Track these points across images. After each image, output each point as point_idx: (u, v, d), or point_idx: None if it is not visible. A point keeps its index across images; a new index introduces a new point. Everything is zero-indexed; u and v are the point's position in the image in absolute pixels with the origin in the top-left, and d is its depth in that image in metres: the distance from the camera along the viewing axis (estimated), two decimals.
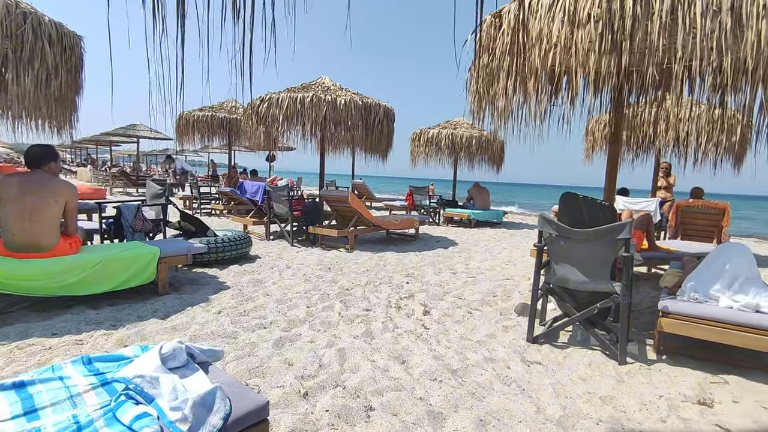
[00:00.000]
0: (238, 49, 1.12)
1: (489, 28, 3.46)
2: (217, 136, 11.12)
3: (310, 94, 6.65)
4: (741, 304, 2.95)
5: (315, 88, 7.10)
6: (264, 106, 6.83)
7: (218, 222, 9.45)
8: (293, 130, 7.36)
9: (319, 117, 6.61)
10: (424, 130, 11.66)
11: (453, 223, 11.10)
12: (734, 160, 8.22)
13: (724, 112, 7.32)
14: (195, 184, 10.99)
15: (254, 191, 8.02)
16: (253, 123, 7.09)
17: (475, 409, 2.35)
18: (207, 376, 1.61)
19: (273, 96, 6.88)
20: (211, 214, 10.85)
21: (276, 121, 6.75)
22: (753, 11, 2.58)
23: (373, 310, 3.93)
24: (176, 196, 13.23)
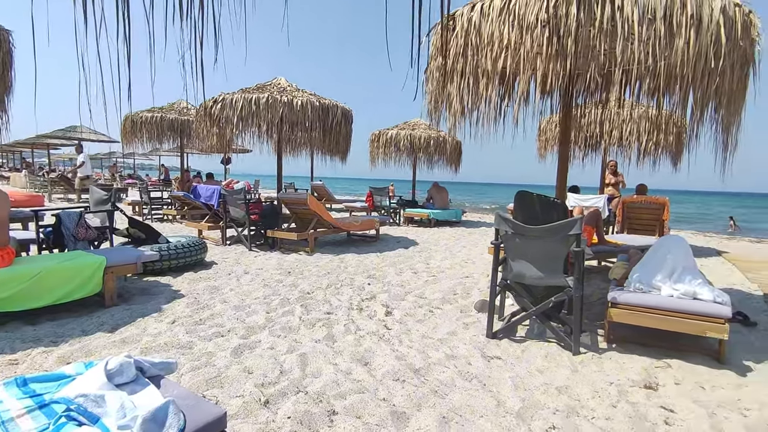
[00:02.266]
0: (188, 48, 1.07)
1: (443, 30, 3.51)
2: (167, 138, 10.62)
3: (265, 95, 6.49)
4: (680, 293, 3.16)
5: (270, 88, 6.94)
6: (217, 107, 6.60)
7: (171, 228, 9.05)
8: (248, 131, 7.16)
9: (276, 118, 6.46)
10: (383, 131, 11.70)
11: (413, 223, 11.21)
12: (672, 158, 8.76)
13: (660, 114, 7.83)
14: (145, 189, 10.47)
15: (209, 195, 7.75)
16: (205, 125, 6.84)
17: (438, 407, 2.37)
18: (159, 390, 1.53)
19: (226, 97, 6.66)
20: (163, 219, 10.39)
21: (230, 122, 6.54)
22: (683, 20, 2.76)
23: (334, 313, 3.89)
24: (124, 202, 12.57)
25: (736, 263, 7.05)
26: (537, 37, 2.86)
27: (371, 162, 12.06)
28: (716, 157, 3.47)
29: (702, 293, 3.11)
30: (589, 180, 10.00)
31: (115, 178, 22.69)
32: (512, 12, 3.03)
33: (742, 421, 2.33)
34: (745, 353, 3.25)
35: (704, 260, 7.29)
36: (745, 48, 3.00)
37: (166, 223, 9.80)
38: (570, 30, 2.74)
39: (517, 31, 2.95)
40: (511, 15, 3.03)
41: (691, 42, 2.73)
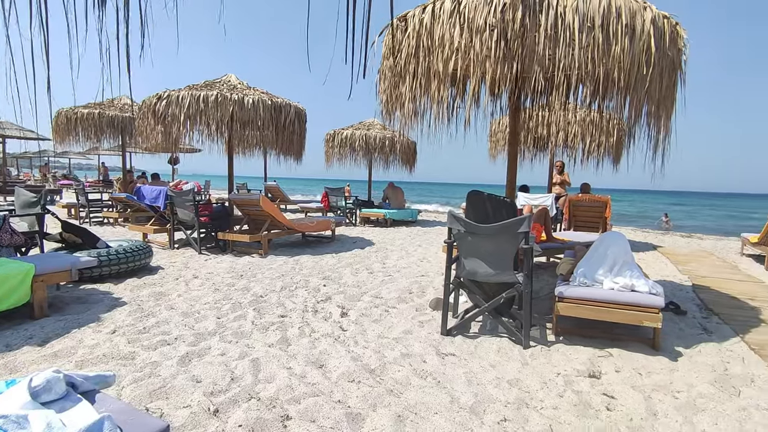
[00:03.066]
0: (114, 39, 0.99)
1: (395, 31, 3.53)
2: (107, 136, 9.96)
3: (214, 92, 6.24)
4: (620, 286, 3.35)
5: (220, 86, 6.69)
6: (162, 104, 6.27)
7: (113, 232, 8.53)
8: (197, 130, 6.86)
9: (225, 116, 6.23)
10: (338, 131, 11.63)
11: (369, 224, 11.22)
12: (613, 158, 9.30)
13: (602, 116, 8.30)
14: (82, 191, 9.77)
15: (154, 196, 7.36)
16: (149, 122, 6.48)
17: (393, 406, 2.38)
18: (93, 406, 1.42)
19: (172, 93, 6.34)
20: (103, 223, 9.77)
21: (176, 120, 6.23)
22: (618, 29, 2.94)
23: (288, 316, 3.81)
24: (58, 204, 11.72)
25: (669, 257, 7.59)
26: (486, 41, 2.94)
27: (327, 162, 11.95)
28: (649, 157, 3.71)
29: (639, 286, 3.31)
30: (539, 179, 10.43)
31: (47, 178, 21.10)
32: (462, 15, 3.09)
33: (673, 403, 2.51)
34: (677, 339, 3.50)
35: (642, 254, 7.80)
36: (673, 57, 3.23)
37: (107, 227, 9.22)
38: (516, 34, 2.84)
39: (467, 33, 3.02)
40: (461, 18, 3.09)
41: (626, 50, 2.91)
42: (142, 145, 7.69)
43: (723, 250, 8.67)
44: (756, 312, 4.32)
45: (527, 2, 2.89)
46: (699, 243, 9.89)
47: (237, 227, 6.90)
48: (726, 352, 3.28)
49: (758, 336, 3.64)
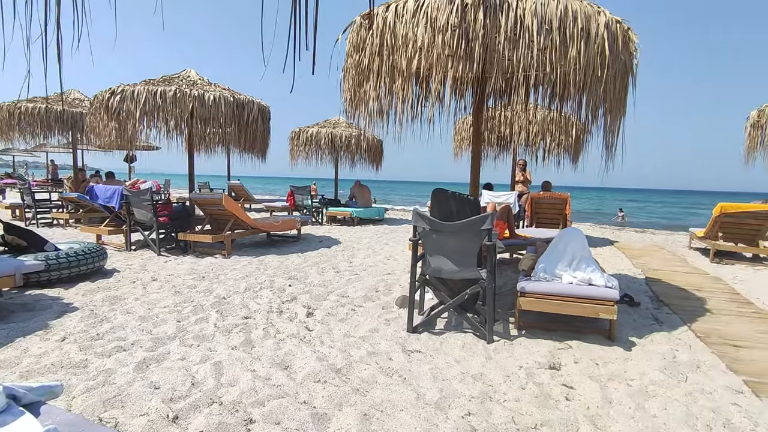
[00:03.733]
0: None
1: (359, 29, 3.52)
2: (55, 132, 9.38)
3: (172, 88, 6.00)
4: (578, 280, 3.48)
5: (178, 81, 6.44)
6: (116, 100, 5.97)
7: (63, 233, 8.08)
8: (154, 127, 6.59)
9: (185, 113, 6.01)
10: (303, 129, 11.49)
11: (336, 222, 11.15)
12: (572, 157, 9.64)
13: (561, 116, 8.58)
14: (28, 190, 9.18)
15: (108, 196, 7.02)
16: (102, 119, 6.16)
17: (360, 405, 2.37)
18: (38, 419, 1.34)
19: (127, 88, 6.05)
20: (53, 224, 9.23)
21: (132, 116, 5.96)
22: (575, 32, 3.04)
23: (252, 317, 3.73)
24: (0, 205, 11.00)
25: (624, 251, 7.95)
26: (448, 40, 2.98)
27: (292, 160, 11.79)
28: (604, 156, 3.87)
29: (596, 279, 3.45)
30: (502, 177, 10.68)
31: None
32: (425, 14, 3.12)
33: (627, 390, 2.63)
34: (631, 330, 3.68)
35: (599, 249, 8.13)
36: (625, 60, 3.38)
37: (56, 229, 8.72)
38: (477, 35, 2.89)
39: (430, 33, 3.04)
40: (424, 17, 3.11)
41: (582, 52, 3.01)
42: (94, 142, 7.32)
43: (673, 244, 9.18)
44: (702, 302, 4.59)
45: (488, 3, 2.95)
46: (651, 238, 10.42)
47: (199, 227, 6.69)
48: (675, 341, 3.47)
49: (704, 324, 3.87)
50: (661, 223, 21.78)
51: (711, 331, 3.69)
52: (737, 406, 2.48)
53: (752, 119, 7.19)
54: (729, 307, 4.41)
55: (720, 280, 5.69)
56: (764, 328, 3.80)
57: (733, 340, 3.51)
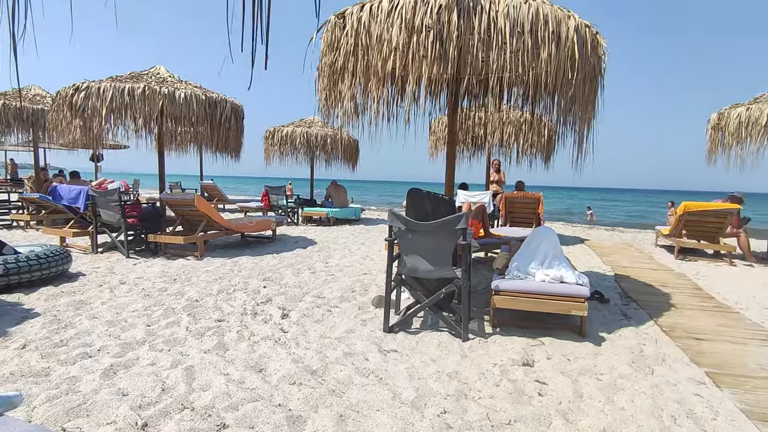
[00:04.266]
0: None
1: (333, 28, 3.49)
2: (15, 130, 8.94)
3: (141, 85, 5.81)
4: (550, 278, 3.55)
5: (147, 78, 6.24)
6: (80, 97, 5.73)
7: (24, 236, 7.72)
8: (122, 125, 6.36)
9: (154, 111, 5.83)
10: (278, 128, 11.34)
11: (312, 223, 11.06)
12: (544, 157, 9.85)
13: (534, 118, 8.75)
14: None
15: (73, 197, 6.74)
16: (65, 116, 5.91)
17: (336, 406, 2.36)
18: None
19: (92, 85, 5.81)
20: (12, 226, 8.81)
21: (98, 114, 5.74)
22: (546, 35, 3.11)
23: (226, 320, 3.66)
24: None
25: (594, 249, 8.18)
26: (423, 41, 2.99)
27: (266, 160, 11.62)
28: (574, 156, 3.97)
29: (567, 277, 3.54)
30: (477, 177, 10.82)
31: None
32: (400, 15, 3.12)
33: (597, 384, 2.70)
34: (600, 326, 3.78)
35: (571, 248, 8.34)
36: (594, 63, 3.48)
37: (16, 231, 8.33)
38: (452, 36, 2.92)
39: (405, 33, 3.05)
40: (399, 18, 3.12)
41: (552, 55, 3.08)
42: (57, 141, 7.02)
43: (641, 241, 9.50)
44: (667, 297, 4.77)
45: (462, 5, 2.98)
46: (620, 236, 10.76)
47: (170, 229, 6.51)
48: (642, 335, 3.59)
49: (669, 319, 4.02)
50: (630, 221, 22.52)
51: (675, 325, 3.83)
52: (699, 397, 2.58)
53: (713, 122, 7.51)
54: (692, 302, 4.60)
55: (684, 276, 5.93)
56: (724, 322, 3.98)
57: (696, 333, 3.66)
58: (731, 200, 7.35)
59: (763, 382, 2.78)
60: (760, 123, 6.58)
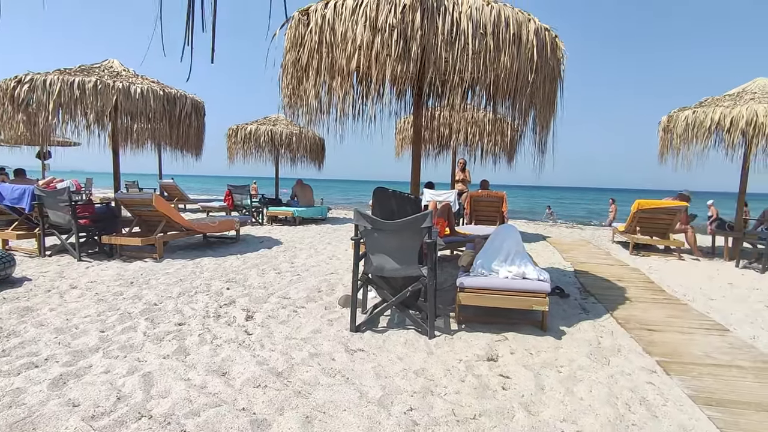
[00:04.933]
0: None
1: (297, 25, 3.44)
2: None
3: (92, 79, 5.50)
4: (513, 274, 3.64)
5: (99, 71, 5.93)
6: (23, 89, 5.37)
7: None
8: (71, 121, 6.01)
9: (107, 106, 5.54)
10: (241, 126, 11.07)
11: (277, 222, 10.87)
12: (507, 156, 10.09)
13: (497, 118, 8.95)
14: None
15: (17, 196, 6.31)
16: (6, 110, 5.53)
17: (301, 408, 2.32)
18: None
19: (37, 77, 5.45)
20: None
21: (44, 108, 5.40)
22: (507, 38, 3.18)
23: (187, 323, 3.53)
24: None
25: (555, 246, 8.46)
26: (387, 40, 2.99)
27: (230, 158, 11.32)
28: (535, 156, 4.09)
29: (529, 273, 3.63)
30: (442, 176, 10.96)
31: None
32: (364, 13, 3.11)
33: (558, 377, 2.79)
34: (561, 320, 3.91)
35: (533, 245, 8.59)
36: (553, 66, 3.59)
37: None
38: (415, 36, 2.93)
39: (369, 32, 3.04)
40: (363, 16, 3.11)
41: (513, 57, 3.15)
42: None
43: (599, 238, 9.91)
44: (622, 291, 5.00)
45: (425, 5, 3.00)
46: (580, 233, 11.18)
47: (126, 229, 6.23)
48: (599, 328, 3.74)
49: (624, 312, 4.20)
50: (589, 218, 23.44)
51: (630, 318, 4.02)
52: (651, 385, 2.72)
53: (663, 124, 7.92)
54: (645, 295, 4.84)
55: (638, 270, 6.23)
56: (674, 313, 4.21)
57: (648, 324, 3.85)
58: (680, 198, 7.79)
59: (707, 369, 2.96)
60: (705, 125, 6.99)
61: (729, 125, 6.74)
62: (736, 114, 6.69)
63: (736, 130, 6.67)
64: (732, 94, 7.38)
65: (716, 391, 2.64)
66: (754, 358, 3.16)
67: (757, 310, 4.43)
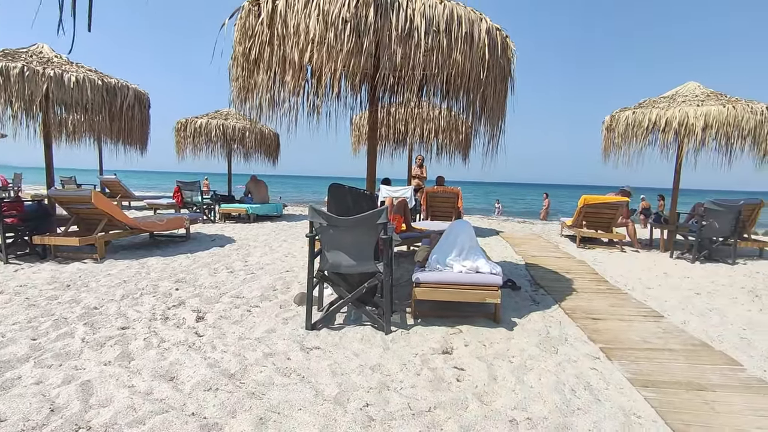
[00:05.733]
0: None
1: (247, 15, 3.32)
2: None
3: (18, 65, 5.04)
4: (467, 268, 3.72)
5: (27, 57, 5.46)
6: None
7: None
8: None
9: (37, 95, 5.10)
10: (191, 119, 10.59)
11: (231, 220, 10.53)
12: (463, 153, 10.29)
13: (451, 115, 9.11)
14: None
15: None
16: None
17: (255, 409, 2.26)
18: None
19: None
20: None
21: None
22: (459, 35, 3.22)
23: (132, 327, 3.35)
24: None
25: (508, 240, 8.75)
26: (340, 34, 2.95)
27: (178, 154, 10.81)
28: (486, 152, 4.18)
29: (482, 267, 3.73)
30: (399, 172, 11.02)
31: None
32: (317, 6, 3.05)
33: (509, 367, 2.88)
34: (513, 312, 4.05)
35: (487, 239, 8.84)
36: (504, 65, 3.68)
37: None
38: (369, 31, 2.91)
39: (322, 25, 2.99)
40: (316, 9, 3.05)
41: (466, 55, 3.21)
42: None
43: (548, 232, 10.34)
44: (570, 282, 5.24)
45: (379, 1, 2.98)
46: (531, 227, 11.62)
47: (62, 229, 5.80)
48: (548, 318, 3.90)
49: (571, 302, 4.41)
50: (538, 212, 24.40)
51: (576, 308, 4.22)
52: (595, 370, 2.87)
53: (606, 123, 8.38)
54: (590, 286, 5.10)
55: (584, 262, 6.56)
56: (615, 302, 4.46)
57: (593, 313, 4.06)
58: (621, 194, 8.27)
59: (644, 353, 3.17)
60: (643, 125, 7.46)
61: (664, 125, 7.23)
62: (670, 115, 7.18)
63: (670, 129, 7.17)
64: (667, 97, 7.92)
65: (652, 374, 2.83)
66: (684, 341, 3.41)
67: (687, 297, 4.78)
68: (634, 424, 2.26)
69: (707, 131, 6.91)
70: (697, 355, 3.15)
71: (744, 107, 6.94)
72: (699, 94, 7.61)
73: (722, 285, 5.39)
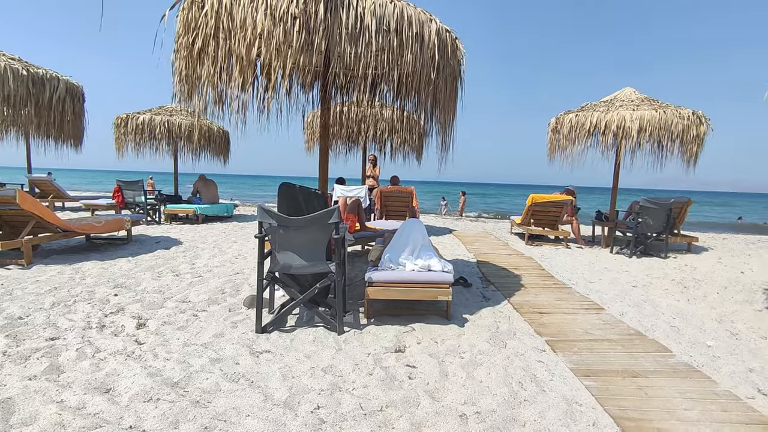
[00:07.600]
0: None
1: (191, 6, 3.17)
2: None
3: None
4: (419, 267, 3.76)
5: None
6: None
7: None
8: None
9: None
10: (132, 115, 10.00)
11: (178, 221, 10.06)
12: (416, 153, 10.41)
13: (404, 115, 9.18)
14: None
15: None
16: None
17: (200, 418, 2.16)
18: None
19: None
20: None
21: None
22: (410, 36, 3.25)
23: (62, 337, 3.10)
24: None
25: (461, 238, 8.94)
26: (289, 30, 2.88)
27: (118, 151, 10.18)
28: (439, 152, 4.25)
29: (434, 265, 3.77)
30: (353, 172, 10.97)
31: None
32: (264, 0, 2.96)
33: (460, 362, 2.94)
34: (464, 308, 4.13)
35: (441, 238, 8.98)
36: (454, 66, 3.75)
37: None
38: (318, 28, 2.87)
39: (270, 20, 2.90)
40: (264, 3, 2.96)
41: (417, 55, 3.23)
42: None
43: (499, 230, 10.67)
44: (518, 279, 5.43)
45: None
46: (483, 226, 11.95)
47: None
48: (498, 314, 4.01)
49: (519, 298, 4.57)
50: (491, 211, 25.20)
51: (524, 303, 4.38)
52: (541, 363, 2.98)
53: (552, 125, 8.77)
54: (537, 281, 5.31)
55: (532, 259, 6.81)
56: (560, 296, 4.67)
57: (540, 308, 4.23)
58: (566, 193, 8.69)
59: (586, 344, 3.33)
60: (585, 128, 7.87)
61: (604, 128, 7.67)
62: (609, 118, 7.62)
63: (609, 132, 7.61)
64: (606, 101, 8.40)
65: (592, 364, 2.98)
66: (622, 331, 3.63)
67: (626, 290, 5.09)
68: (575, 412, 2.36)
69: (642, 134, 7.40)
70: (632, 344, 3.35)
71: (674, 112, 7.50)
72: (634, 99, 8.14)
73: (656, 278, 5.79)
